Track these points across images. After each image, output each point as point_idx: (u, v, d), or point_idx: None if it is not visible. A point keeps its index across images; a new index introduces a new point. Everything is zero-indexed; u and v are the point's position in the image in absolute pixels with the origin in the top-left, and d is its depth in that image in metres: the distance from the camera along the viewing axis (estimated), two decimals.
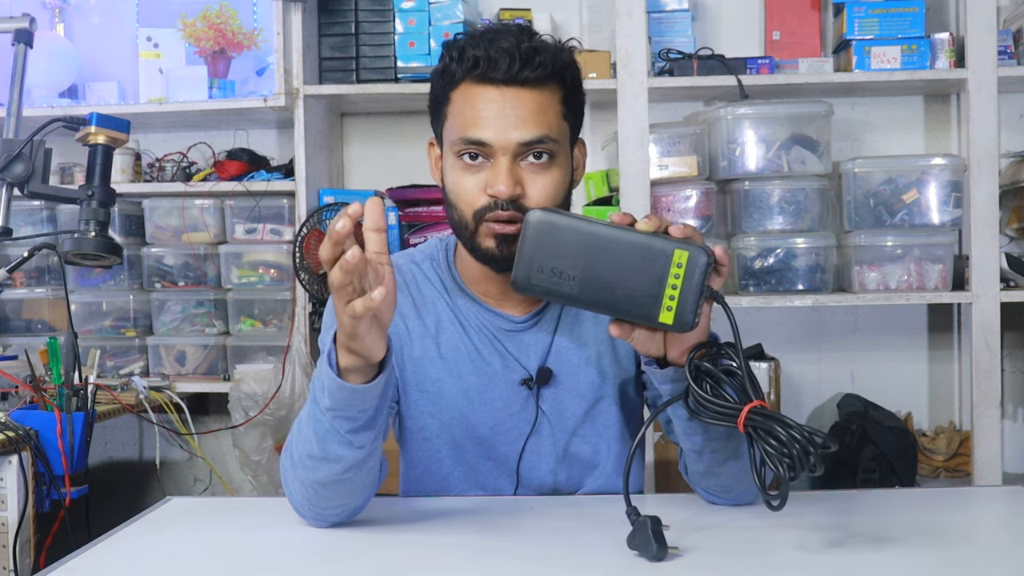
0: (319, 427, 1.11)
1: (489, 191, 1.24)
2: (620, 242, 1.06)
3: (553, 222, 1.09)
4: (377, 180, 2.93)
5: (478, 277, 1.35)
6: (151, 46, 2.92)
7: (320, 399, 1.10)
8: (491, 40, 1.24)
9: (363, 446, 1.12)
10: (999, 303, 2.52)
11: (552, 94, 1.27)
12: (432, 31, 2.65)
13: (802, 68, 2.68)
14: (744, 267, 2.63)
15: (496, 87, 1.24)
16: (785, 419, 1.01)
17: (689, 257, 1.05)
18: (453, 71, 1.27)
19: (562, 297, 1.09)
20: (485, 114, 1.24)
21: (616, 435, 1.37)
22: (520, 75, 1.23)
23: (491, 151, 1.24)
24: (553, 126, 1.26)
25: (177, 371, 2.82)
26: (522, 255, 1.09)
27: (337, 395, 1.07)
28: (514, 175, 1.24)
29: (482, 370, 1.35)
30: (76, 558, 1.10)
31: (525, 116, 1.24)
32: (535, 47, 1.25)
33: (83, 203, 1.71)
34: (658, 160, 2.61)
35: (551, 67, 1.25)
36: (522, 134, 1.24)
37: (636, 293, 1.06)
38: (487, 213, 1.25)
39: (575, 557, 1.08)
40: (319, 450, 1.12)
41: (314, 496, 1.16)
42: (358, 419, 1.09)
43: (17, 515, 2.00)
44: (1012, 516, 1.28)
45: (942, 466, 2.76)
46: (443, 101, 1.30)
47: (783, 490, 1.00)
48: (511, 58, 1.23)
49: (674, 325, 1.06)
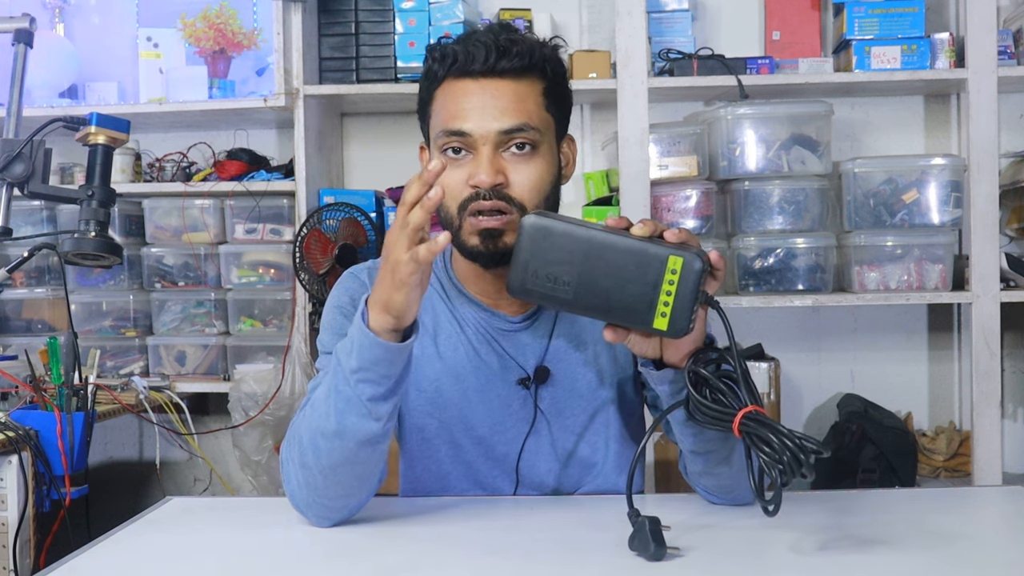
0: (339, 397, 1.12)
1: (471, 182, 1.25)
2: (615, 248, 1.06)
3: (548, 227, 1.08)
4: (377, 180, 2.93)
5: (473, 276, 1.36)
6: (151, 46, 2.92)
7: (346, 362, 1.11)
8: (469, 36, 1.28)
9: (380, 418, 1.12)
10: (999, 303, 2.52)
11: (532, 85, 1.28)
12: (432, 31, 2.65)
13: (802, 68, 2.68)
14: (744, 267, 2.63)
15: (475, 79, 1.26)
16: (778, 426, 1.01)
17: (683, 263, 1.05)
18: (435, 71, 1.29)
19: (557, 303, 1.10)
20: (465, 106, 1.26)
21: (615, 434, 1.37)
22: (497, 65, 1.25)
23: (472, 142, 1.25)
24: (533, 115, 1.27)
25: (177, 371, 2.82)
26: (517, 260, 1.10)
27: (367, 353, 1.10)
28: (495, 164, 1.25)
29: (480, 370, 1.35)
30: (76, 558, 1.10)
31: (504, 105, 1.25)
32: (512, 39, 1.27)
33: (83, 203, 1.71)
34: (658, 160, 2.61)
35: (528, 58, 1.27)
36: (501, 123, 1.25)
37: (630, 299, 1.06)
38: (470, 204, 1.25)
39: (575, 557, 1.08)
40: (335, 424, 1.13)
41: (321, 484, 1.16)
42: (381, 384, 1.11)
43: (17, 515, 2.00)
44: (1012, 516, 1.28)
45: (942, 466, 2.76)
46: (428, 101, 1.33)
47: (776, 495, 1.00)
48: (487, 49, 1.25)
49: (668, 331, 1.07)
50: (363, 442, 1.13)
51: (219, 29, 2.84)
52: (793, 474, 0.99)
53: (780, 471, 0.99)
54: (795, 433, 1.01)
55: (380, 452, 1.17)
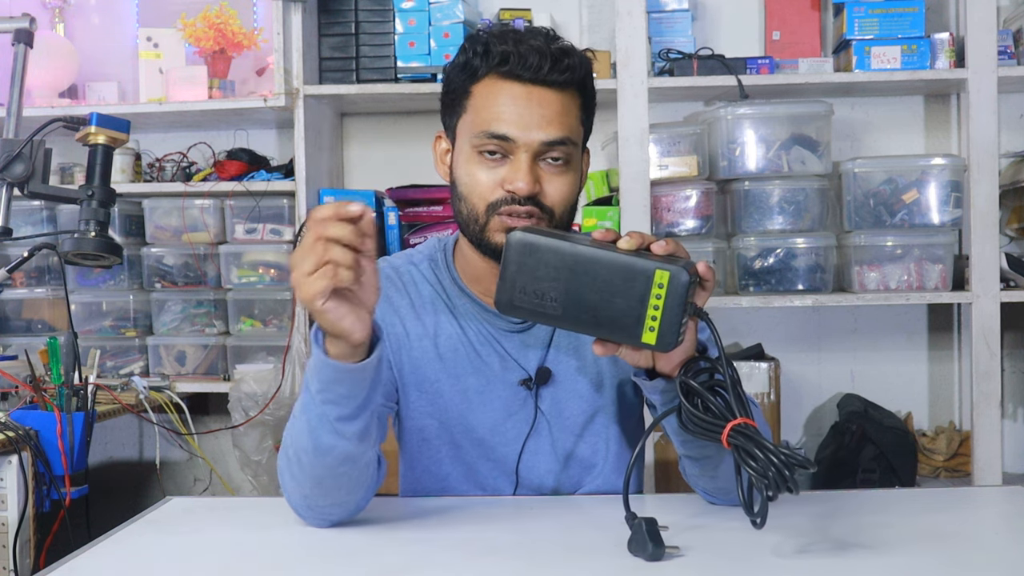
0: (310, 415, 1.11)
1: (508, 186, 1.24)
2: (601, 263, 1.06)
3: (534, 243, 1.07)
4: (377, 180, 2.93)
5: (480, 276, 1.35)
6: (151, 46, 2.92)
7: (311, 383, 1.10)
8: (519, 38, 1.25)
9: (350, 437, 1.11)
10: (999, 303, 2.52)
11: (573, 99, 1.28)
12: (432, 31, 2.65)
13: (802, 68, 2.68)
14: (744, 267, 2.63)
15: (523, 84, 1.25)
16: (763, 440, 1.01)
17: (670, 277, 1.04)
18: (476, 65, 1.27)
19: (546, 318, 1.09)
20: (510, 110, 1.24)
21: (615, 435, 1.38)
22: (548, 76, 1.24)
23: (512, 147, 1.24)
24: (573, 129, 1.27)
25: (177, 371, 2.82)
26: (504, 277, 1.09)
27: (323, 374, 1.07)
28: (534, 173, 1.24)
29: (481, 371, 1.35)
30: (76, 558, 1.10)
31: (550, 116, 1.24)
32: (564, 49, 1.26)
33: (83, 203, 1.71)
34: (658, 160, 2.61)
35: (577, 72, 1.26)
36: (546, 133, 1.24)
37: (618, 314, 1.06)
38: (502, 206, 1.25)
39: (574, 557, 1.08)
40: (310, 441, 1.12)
41: (311, 493, 1.16)
42: (345, 405, 1.09)
43: (17, 515, 2.00)
44: (1012, 516, 1.28)
45: (942, 466, 2.76)
46: (462, 94, 1.29)
47: (762, 508, 1.00)
48: (541, 57, 1.23)
49: (657, 345, 1.06)
50: (341, 459, 1.12)
51: (219, 29, 2.84)
52: (779, 488, 0.98)
53: (766, 485, 0.99)
54: (781, 448, 1.00)
55: (363, 465, 1.15)
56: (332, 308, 1.02)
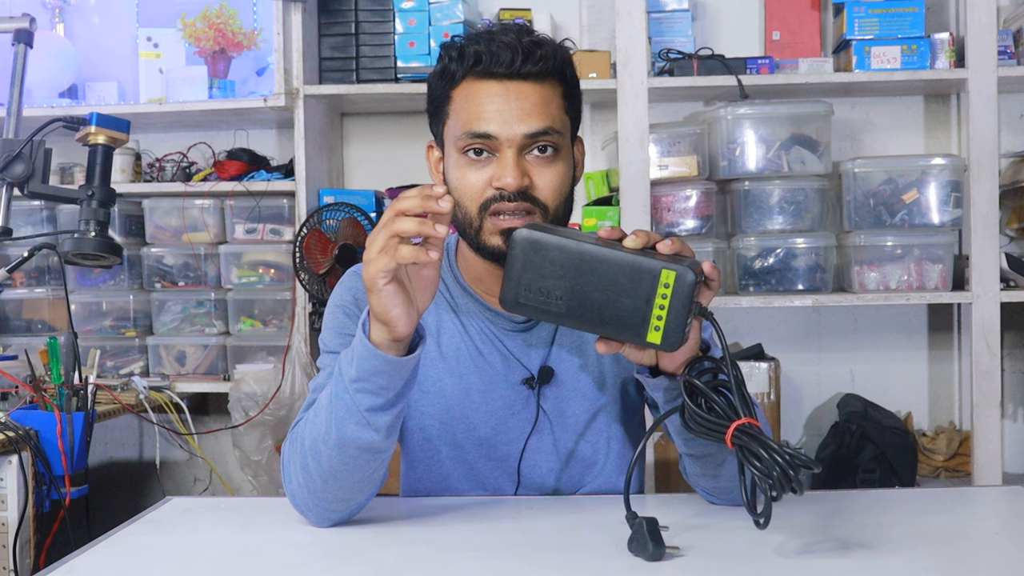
0: (337, 406, 1.12)
1: (496, 184, 1.24)
2: (607, 261, 1.05)
3: (540, 241, 1.07)
4: (377, 180, 2.93)
5: (482, 276, 1.35)
6: (151, 46, 2.92)
7: (346, 371, 1.11)
8: (490, 37, 1.25)
9: (379, 429, 1.12)
10: (999, 303, 2.52)
11: (553, 88, 1.28)
12: (432, 31, 2.65)
13: (802, 68, 2.68)
14: (744, 267, 2.63)
15: (499, 81, 1.25)
16: (768, 441, 1.01)
17: (676, 277, 1.04)
18: (453, 70, 1.27)
19: (550, 316, 1.09)
20: (489, 108, 1.24)
21: (617, 434, 1.38)
22: (522, 69, 1.24)
23: (496, 145, 1.24)
24: (556, 119, 1.27)
25: (177, 371, 2.82)
26: (510, 275, 1.09)
27: (365, 363, 1.09)
28: (521, 167, 1.24)
29: (483, 370, 1.35)
30: (76, 558, 1.10)
31: (529, 108, 1.24)
32: (535, 41, 1.26)
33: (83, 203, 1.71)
34: (658, 160, 2.61)
35: (552, 61, 1.26)
36: (527, 126, 1.24)
37: (623, 313, 1.05)
38: (493, 204, 1.24)
39: (575, 557, 1.08)
40: (334, 431, 1.13)
41: (321, 487, 1.16)
42: (380, 395, 1.10)
43: (17, 515, 2.00)
44: (1012, 516, 1.28)
45: (942, 466, 2.76)
46: (443, 100, 1.30)
47: (766, 509, 1.00)
48: (513, 52, 1.23)
49: (662, 345, 1.06)
50: (363, 450, 1.13)
51: (219, 29, 2.84)
52: (783, 488, 0.98)
53: (770, 485, 0.99)
54: (786, 448, 1.00)
55: (382, 460, 1.17)
56: (389, 293, 1.06)
